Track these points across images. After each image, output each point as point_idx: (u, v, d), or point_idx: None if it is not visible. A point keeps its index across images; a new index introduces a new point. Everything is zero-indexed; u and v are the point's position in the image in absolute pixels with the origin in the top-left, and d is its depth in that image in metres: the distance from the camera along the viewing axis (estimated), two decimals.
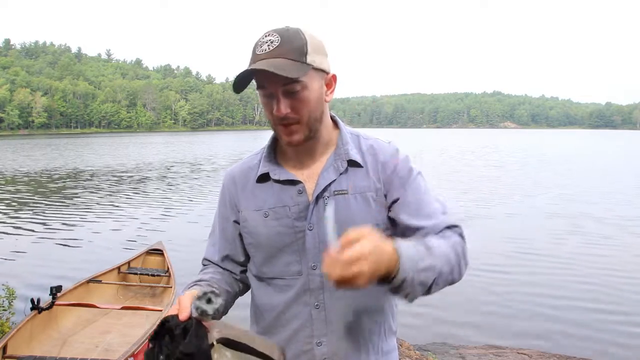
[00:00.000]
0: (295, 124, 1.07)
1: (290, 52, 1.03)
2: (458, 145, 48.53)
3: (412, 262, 0.94)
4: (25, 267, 7.43)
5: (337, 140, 1.17)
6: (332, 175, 1.12)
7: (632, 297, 6.32)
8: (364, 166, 1.13)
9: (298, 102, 1.06)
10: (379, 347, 1.17)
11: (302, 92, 1.05)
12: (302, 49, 1.05)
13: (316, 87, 1.08)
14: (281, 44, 1.03)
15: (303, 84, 1.05)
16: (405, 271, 0.92)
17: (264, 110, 1.13)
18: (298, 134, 1.08)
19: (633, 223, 10.82)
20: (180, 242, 8.51)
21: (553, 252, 8.38)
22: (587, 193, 15.37)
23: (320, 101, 1.10)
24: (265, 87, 1.06)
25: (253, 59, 1.05)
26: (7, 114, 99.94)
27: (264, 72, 1.02)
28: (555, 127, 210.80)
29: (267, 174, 1.16)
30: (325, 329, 1.12)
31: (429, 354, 4.51)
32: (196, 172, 22.59)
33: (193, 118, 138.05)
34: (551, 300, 6.21)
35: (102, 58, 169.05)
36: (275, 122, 1.09)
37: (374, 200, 1.11)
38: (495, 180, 18.98)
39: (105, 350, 4.14)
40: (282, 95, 1.05)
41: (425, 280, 0.96)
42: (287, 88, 1.04)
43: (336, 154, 1.15)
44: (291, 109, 1.06)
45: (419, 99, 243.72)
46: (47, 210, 12.33)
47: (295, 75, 1.02)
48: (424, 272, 0.96)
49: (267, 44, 1.04)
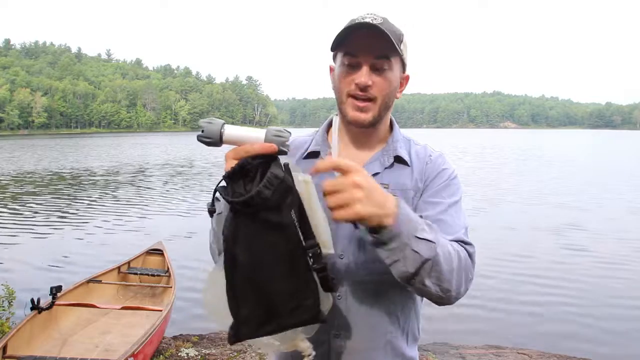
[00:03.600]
0: (370, 101, 1.07)
1: (391, 32, 1.03)
2: (458, 146, 48.48)
3: (411, 224, 0.90)
4: (25, 267, 7.43)
5: (388, 138, 1.18)
6: (377, 168, 1.13)
7: (632, 297, 6.32)
8: (410, 166, 1.14)
9: (381, 80, 1.06)
10: (401, 351, 1.15)
11: (387, 72, 1.06)
12: (399, 36, 1.07)
13: (397, 75, 1.10)
14: (385, 22, 1.04)
15: (391, 64, 1.07)
16: (400, 228, 0.88)
17: (336, 82, 1.11)
18: (368, 113, 1.08)
19: (633, 223, 10.82)
20: (180, 242, 8.51)
21: (553, 252, 8.38)
22: (587, 193, 15.36)
23: (395, 90, 1.11)
24: (355, 55, 1.05)
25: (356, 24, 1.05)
26: (7, 114, 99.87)
27: (358, 40, 1.03)
28: (555, 127, 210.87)
29: (317, 152, 1.17)
30: (345, 321, 1.09)
31: (429, 354, 4.51)
32: (196, 171, 22.58)
33: (193, 118, 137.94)
34: (551, 300, 6.21)
35: (102, 58, 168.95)
36: (349, 95, 1.08)
37: (412, 198, 1.11)
38: (495, 180, 18.97)
39: (105, 350, 4.14)
40: (369, 67, 1.05)
41: (419, 252, 0.89)
42: (377, 63, 1.05)
43: (385, 150, 1.16)
44: (373, 83, 1.05)
45: (419, 99, 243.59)
46: (47, 211, 12.33)
47: (394, 51, 1.04)
48: (420, 243, 0.90)
49: (371, 18, 1.04)
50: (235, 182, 0.84)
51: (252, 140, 0.87)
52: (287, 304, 0.86)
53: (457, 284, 0.97)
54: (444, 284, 0.95)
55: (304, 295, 0.86)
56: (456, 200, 1.12)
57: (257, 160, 0.85)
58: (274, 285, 0.85)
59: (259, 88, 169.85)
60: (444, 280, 0.94)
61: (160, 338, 4.45)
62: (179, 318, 5.37)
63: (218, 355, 4.39)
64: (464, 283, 0.99)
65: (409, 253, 0.89)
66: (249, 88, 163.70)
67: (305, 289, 0.87)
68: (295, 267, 0.85)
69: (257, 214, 0.82)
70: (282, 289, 0.85)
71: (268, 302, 0.85)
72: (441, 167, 1.15)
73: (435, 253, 0.91)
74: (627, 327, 5.46)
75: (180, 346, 4.57)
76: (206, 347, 4.60)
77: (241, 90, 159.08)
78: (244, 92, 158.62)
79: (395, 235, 0.88)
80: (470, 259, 1.02)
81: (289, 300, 0.86)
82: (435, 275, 0.93)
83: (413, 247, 0.89)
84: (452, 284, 0.96)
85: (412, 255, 0.89)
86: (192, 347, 4.58)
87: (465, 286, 1.00)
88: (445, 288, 0.95)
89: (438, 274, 0.93)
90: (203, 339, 4.83)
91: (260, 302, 0.85)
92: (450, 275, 0.95)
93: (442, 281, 0.94)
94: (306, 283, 0.86)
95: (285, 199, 0.83)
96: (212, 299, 0.90)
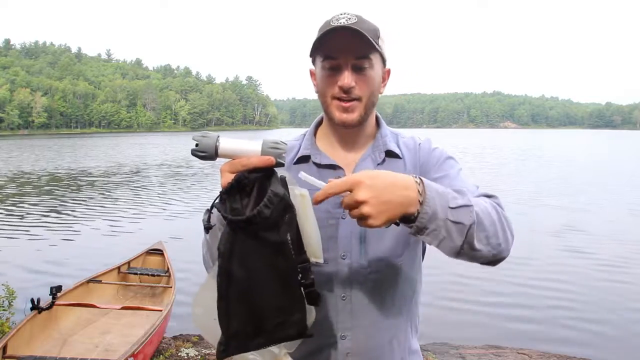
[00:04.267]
0: (355, 101, 1.07)
1: (367, 30, 1.03)
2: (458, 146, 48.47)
3: (442, 197, 0.87)
4: (26, 267, 7.43)
5: (376, 134, 1.18)
6: (370, 165, 1.13)
7: (632, 298, 6.32)
8: (402, 158, 1.15)
9: (364, 79, 1.06)
10: (406, 345, 1.15)
11: (369, 70, 1.07)
12: (376, 32, 1.07)
13: (379, 71, 1.11)
14: (359, 21, 1.04)
15: (371, 62, 1.07)
16: (432, 207, 0.85)
17: (320, 86, 1.11)
18: (355, 113, 1.08)
19: (633, 224, 10.81)
20: (180, 242, 8.52)
21: (553, 252, 8.39)
22: (588, 193, 15.36)
23: (378, 87, 1.12)
24: (335, 57, 1.05)
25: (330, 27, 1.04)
26: (7, 114, 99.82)
27: (336, 42, 1.03)
28: (555, 127, 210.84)
29: (308, 157, 1.16)
30: (351, 323, 1.09)
31: (429, 354, 4.51)
32: (196, 171, 22.57)
33: (193, 118, 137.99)
34: (551, 300, 6.21)
35: (102, 58, 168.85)
36: (334, 97, 1.08)
37: None
38: (495, 180, 18.96)
39: (105, 350, 4.14)
40: (350, 69, 1.05)
41: (461, 220, 0.87)
42: (358, 63, 1.05)
43: (374, 146, 1.16)
44: (356, 84, 1.06)
45: (419, 99, 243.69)
46: (47, 210, 12.33)
47: (373, 48, 1.04)
48: (458, 212, 0.87)
49: (345, 18, 1.04)
50: (231, 197, 0.84)
51: (248, 153, 0.86)
52: (275, 319, 0.86)
53: (503, 235, 0.94)
54: (492, 240, 0.92)
55: (292, 310, 0.87)
56: (459, 169, 1.13)
57: (253, 175, 0.84)
58: (265, 301, 0.85)
59: (259, 88, 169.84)
60: (491, 236, 0.92)
61: (160, 338, 4.45)
62: (179, 318, 5.37)
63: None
64: (508, 232, 0.96)
65: (451, 227, 0.87)
66: (249, 88, 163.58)
67: (293, 305, 0.87)
68: (287, 284, 0.86)
69: (255, 232, 0.82)
70: (272, 305, 0.85)
71: (258, 317, 0.86)
72: (431, 148, 1.17)
73: (476, 215, 0.89)
74: (626, 328, 5.46)
75: (180, 346, 4.57)
76: (206, 347, 4.59)
77: (241, 90, 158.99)
78: (244, 92, 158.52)
79: (430, 218, 0.85)
80: (502, 209, 1.00)
81: (277, 316, 0.86)
82: (483, 236, 0.91)
83: (453, 219, 0.87)
84: (499, 237, 0.93)
85: (455, 227, 0.87)
86: (192, 347, 4.58)
87: (511, 234, 0.97)
88: (495, 243, 0.93)
89: (485, 233, 0.91)
90: (203, 339, 4.83)
91: (250, 318, 0.86)
92: (495, 228, 0.93)
93: (490, 238, 0.92)
94: (295, 299, 0.87)
95: (283, 217, 0.83)
96: (202, 313, 0.91)
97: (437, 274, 6.39)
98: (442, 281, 6.53)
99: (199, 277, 6.29)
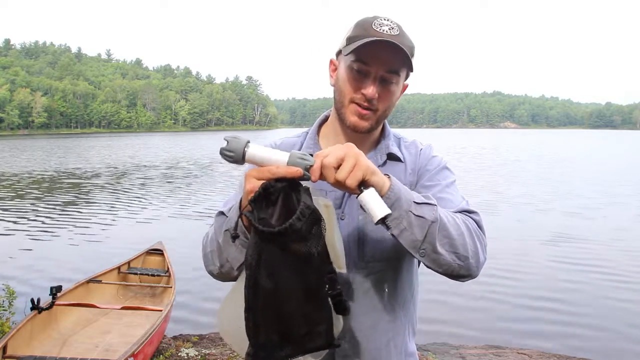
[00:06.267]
0: (372, 111, 1.08)
1: (407, 48, 1.03)
2: (458, 146, 48.47)
3: (407, 191, 0.92)
4: (25, 267, 7.42)
5: (380, 138, 1.19)
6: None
7: (632, 299, 6.32)
8: (404, 161, 1.16)
9: (386, 93, 1.07)
10: (403, 348, 1.15)
11: (394, 85, 1.07)
12: (412, 50, 1.06)
13: (400, 86, 1.11)
14: (401, 35, 1.03)
15: (399, 79, 1.07)
16: (397, 192, 0.90)
17: (340, 84, 1.10)
18: (368, 122, 1.09)
19: (634, 225, 10.81)
20: (180, 242, 8.51)
21: (553, 253, 8.38)
22: (588, 193, 15.36)
23: (396, 101, 1.12)
24: (369, 64, 1.04)
25: (374, 34, 1.02)
26: (7, 114, 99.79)
27: (374, 50, 1.01)
28: (555, 127, 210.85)
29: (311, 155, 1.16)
30: (348, 325, 1.08)
31: (429, 354, 4.51)
32: (196, 171, 22.57)
33: (193, 118, 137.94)
34: (551, 300, 6.21)
35: (102, 58, 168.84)
36: (353, 101, 1.08)
37: None
38: (495, 180, 18.96)
39: (105, 350, 4.14)
40: (378, 80, 1.05)
41: (423, 216, 0.90)
42: (387, 76, 1.05)
43: (378, 149, 1.17)
44: (378, 96, 1.06)
45: (419, 99, 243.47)
46: (46, 211, 12.33)
47: (405, 67, 1.05)
48: (421, 207, 0.91)
49: (388, 27, 1.03)
50: (258, 205, 0.84)
51: (276, 162, 0.86)
52: (302, 329, 0.86)
53: (472, 250, 0.96)
54: (459, 250, 0.94)
55: (319, 320, 0.87)
56: (452, 181, 1.14)
57: (280, 184, 0.84)
58: (293, 311, 0.85)
59: (259, 88, 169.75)
60: (457, 245, 0.94)
61: (160, 338, 4.45)
62: (179, 318, 5.38)
63: (218, 355, 4.39)
64: (479, 249, 0.98)
65: (413, 219, 0.90)
66: (249, 88, 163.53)
67: (321, 315, 0.88)
68: (315, 294, 0.86)
69: (284, 243, 0.82)
70: (300, 315, 0.86)
71: (285, 327, 0.86)
72: (431, 155, 1.19)
73: (439, 215, 0.92)
74: (626, 328, 5.46)
75: (180, 346, 4.57)
76: (206, 347, 4.59)
77: (241, 90, 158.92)
78: (244, 92, 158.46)
79: (394, 204, 0.89)
80: (477, 225, 1.02)
81: (305, 326, 0.86)
82: (446, 242, 0.93)
83: (415, 212, 0.90)
84: (467, 249, 0.95)
85: (417, 220, 0.90)
86: (192, 347, 4.57)
87: (483, 254, 1.00)
88: (462, 255, 0.95)
89: (449, 240, 0.93)
90: (203, 339, 4.83)
91: (278, 328, 0.86)
92: (462, 239, 0.95)
93: (456, 247, 0.94)
94: (322, 309, 0.88)
95: (312, 229, 0.83)
96: (228, 324, 0.92)
97: (437, 274, 6.37)
98: (442, 281, 6.46)
99: (199, 277, 6.32)
